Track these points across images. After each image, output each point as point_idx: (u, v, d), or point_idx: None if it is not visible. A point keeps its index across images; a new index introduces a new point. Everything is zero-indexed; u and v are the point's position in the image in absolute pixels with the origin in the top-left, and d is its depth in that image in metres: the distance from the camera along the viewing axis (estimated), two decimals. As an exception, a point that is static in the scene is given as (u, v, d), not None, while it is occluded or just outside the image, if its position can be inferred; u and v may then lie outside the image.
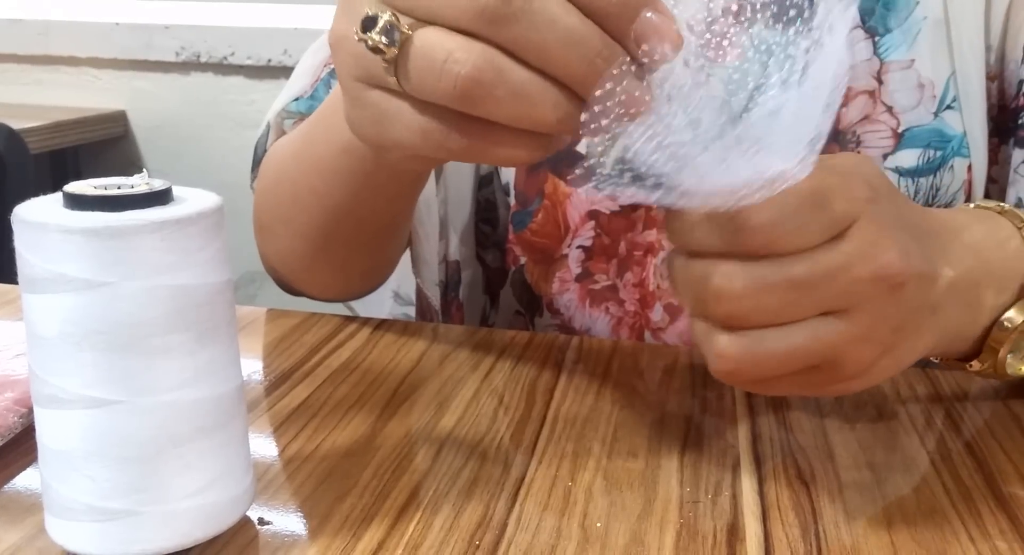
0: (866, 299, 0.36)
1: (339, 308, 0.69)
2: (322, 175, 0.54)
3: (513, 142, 0.34)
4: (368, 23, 0.33)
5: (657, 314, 0.63)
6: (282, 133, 0.67)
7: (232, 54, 1.59)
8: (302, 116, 0.66)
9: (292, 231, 0.60)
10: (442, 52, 0.32)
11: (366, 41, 0.33)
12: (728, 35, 0.34)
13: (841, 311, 0.36)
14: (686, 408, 0.49)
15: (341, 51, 0.36)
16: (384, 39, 0.32)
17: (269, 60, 1.58)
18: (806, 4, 0.34)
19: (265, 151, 0.67)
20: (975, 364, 0.46)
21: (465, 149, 0.35)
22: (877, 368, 0.38)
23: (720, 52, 0.34)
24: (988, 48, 0.58)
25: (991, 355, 0.45)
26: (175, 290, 0.32)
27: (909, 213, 0.40)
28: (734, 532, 0.38)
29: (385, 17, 0.32)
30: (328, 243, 0.58)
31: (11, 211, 0.33)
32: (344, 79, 0.37)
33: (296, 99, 0.66)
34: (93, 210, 0.32)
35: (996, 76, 0.59)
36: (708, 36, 0.34)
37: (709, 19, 0.34)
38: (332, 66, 0.65)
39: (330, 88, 0.65)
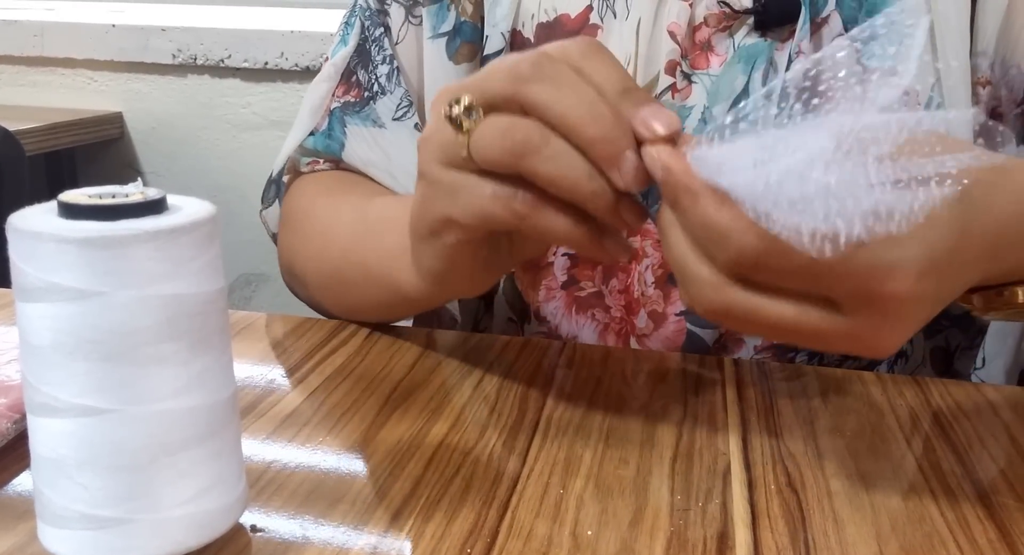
0: (841, 350, 0.40)
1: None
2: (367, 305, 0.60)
3: (563, 213, 0.41)
4: (453, 103, 0.41)
5: (642, 320, 0.63)
6: (296, 172, 0.71)
7: (229, 57, 1.59)
8: (318, 154, 0.70)
9: (329, 303, 0.65)
10: (505, 123, 0.41)
11: (451, 116, 0.41)
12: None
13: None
14: (677, 415, 0.49)
15: (428, 142, 0.44)
16: (464, 115, 0.41)
17: (266, 63, 1.58)
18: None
19: (281, 185, 0.70)
20: (976, 300, 0.46)
21: (524, 210, 0.42)
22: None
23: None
24: (980, 54, 0.59)
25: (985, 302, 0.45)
26: (168, 299, 0.33)
27: (966, 255, 0.38)
28: (724, 540, 0.38)
29: (466, 101, 0.41)
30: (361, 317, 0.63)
31: (7, 212, 0.33)
32: (426, 164, 0.45)
33: (311, 134, 0.70)
34: (87, 219, 0.32)
35: (988, 81, 0.59)
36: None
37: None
38: (341, 99, 0.70)
39: (344, 125, 0.69)
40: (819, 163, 0.34)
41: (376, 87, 0.69)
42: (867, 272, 0.35)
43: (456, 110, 0.41)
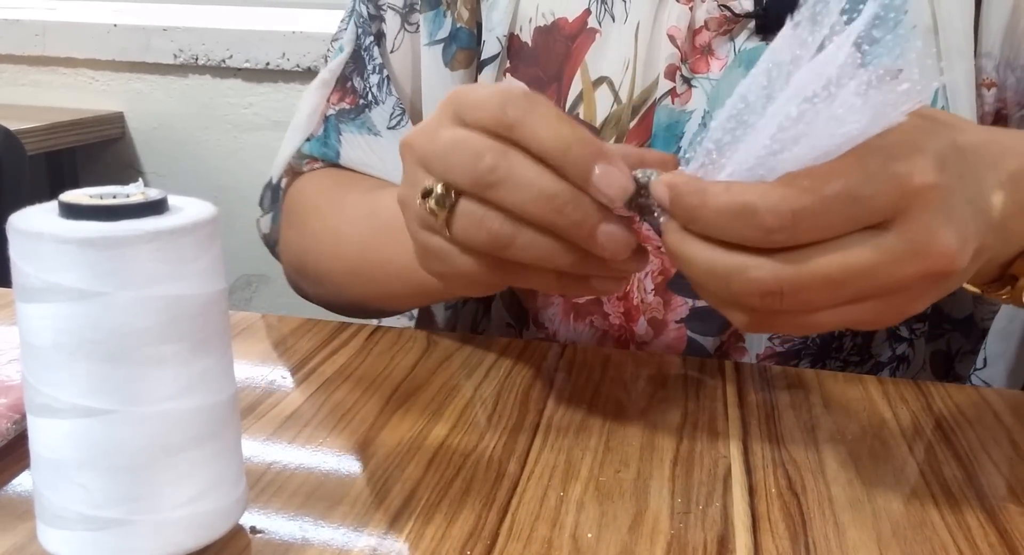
0: (907, 286, 0.37)
1: (334, 314, 0.70)
2: (378, 292, 0.62)
3: (544, 277, 0.42)
4: (426, 193, 0.42)
5: (641, 328, 0.63)
6: (295, 173, 0.72)
7: (230, 57, 1.59)
8: (314, 159, 0.71)
9: (336, 297, 0.67)
10: (478, 215, 0.41)
11: (424, 207, 0.42)
12: None
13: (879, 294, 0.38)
14: (678, 419, 0.49)
15: (407, 209, 0.45)
16: (437, 206, 0.41)
17: (267, 63, 1.58)
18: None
19: (279, 191, 0.71)
20: (1000, 291, 0.46)
21: (509, 277, 0.43)
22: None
23: None
24: (985, 55, 0.58)
25: (1010, 282, 0.45)
26: (169, 300, 0.33)
27: (976, 172, 0.39)
28: (724, 544, 0.38)
29: (438, 190, 0.41)
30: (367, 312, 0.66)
31: (7, 212, 0.33)
32: (410, 226, 0.45)
33: (308, 140, 0.71)
34: (88, 220, 0.32)
35: (993, 83, 0.59)
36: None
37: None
38: (336, 105, 0.71)
39: (339, 132, 0.70)
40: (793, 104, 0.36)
41: (370, 96, 0.70)
42: (893, 173, 0.36)
43: (430, 203, 0.41)
